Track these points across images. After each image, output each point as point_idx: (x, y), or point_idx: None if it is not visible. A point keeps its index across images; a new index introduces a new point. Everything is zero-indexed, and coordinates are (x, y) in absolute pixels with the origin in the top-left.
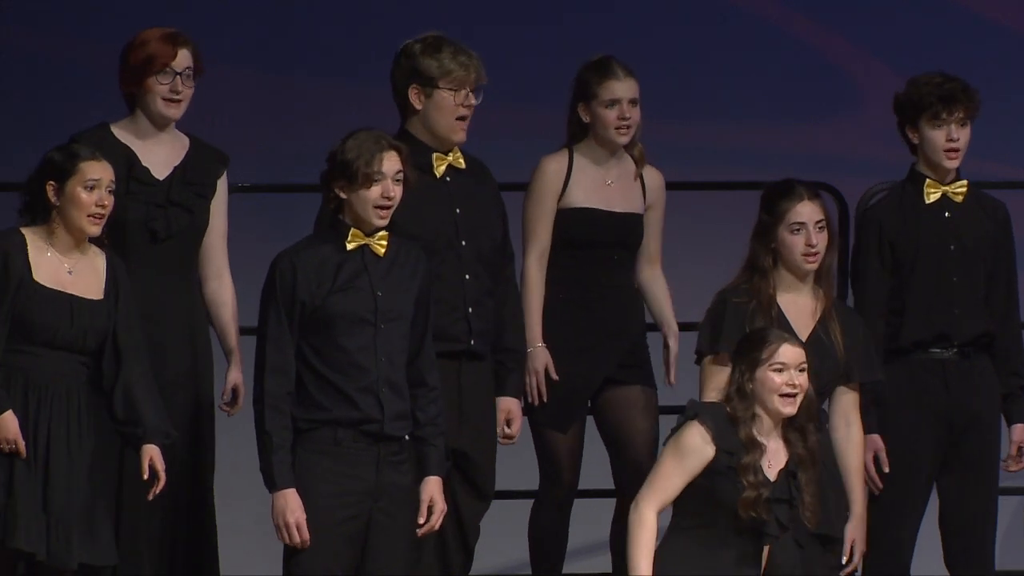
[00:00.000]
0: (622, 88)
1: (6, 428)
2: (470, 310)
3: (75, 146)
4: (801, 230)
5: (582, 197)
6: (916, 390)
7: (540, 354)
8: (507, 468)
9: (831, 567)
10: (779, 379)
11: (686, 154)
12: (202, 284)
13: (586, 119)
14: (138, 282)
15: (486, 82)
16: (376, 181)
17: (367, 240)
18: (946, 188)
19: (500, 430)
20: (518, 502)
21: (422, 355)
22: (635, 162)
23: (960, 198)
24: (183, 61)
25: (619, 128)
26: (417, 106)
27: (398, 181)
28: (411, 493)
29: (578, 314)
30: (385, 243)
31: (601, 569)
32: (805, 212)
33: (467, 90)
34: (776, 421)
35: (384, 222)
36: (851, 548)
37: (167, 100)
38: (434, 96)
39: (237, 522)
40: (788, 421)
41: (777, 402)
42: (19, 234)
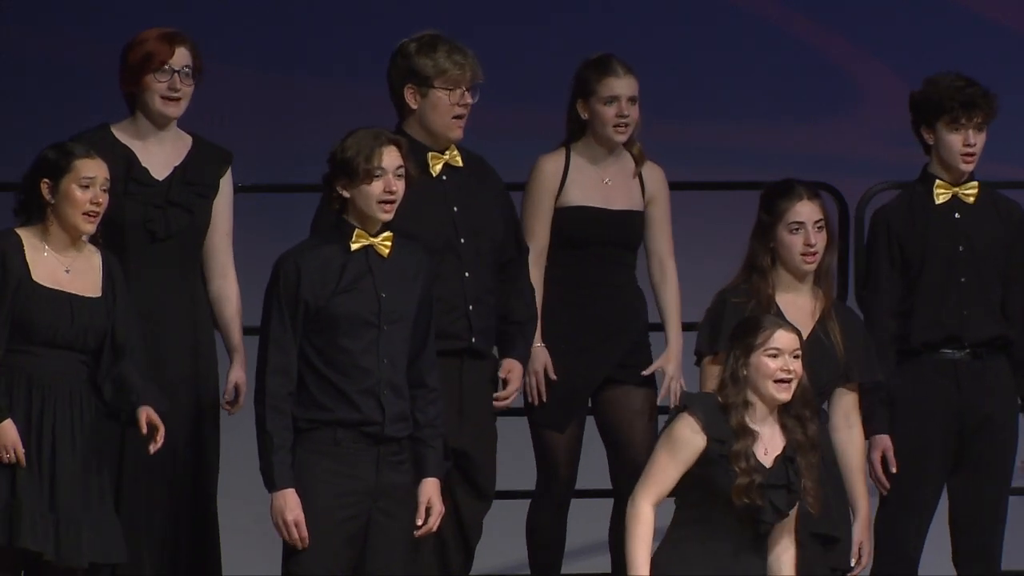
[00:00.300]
0: (621, 85)
1: (5, 436)
2: (471, 308)
3: (70, 144)
4: (800, 230)
5: (579, 195)
6: (927, 391)
7: (539, 354)
8: (507, 468)
9: (831, 567)
10: (773, 364)
11: (686, 154)
12: (206, 283)
13: (585, 116)
14: (139, 282)
15: (482, 80)
16: (377, 176)
17: (371, 241)
18: (956, 189)
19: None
20: (518, 502)
21: (423, 356)
22: (634, 160)
23: (971, 199)
24: (181, 59)
25: (617, 126)
26: (413, 105)
27: (400, 176)
28: (411, 493)
29: (577, 313)
30: (389, 244)
31: (600, 569)
32: (804, 212)
33: (463, 89)
34: (771, 407)
35: (389, 216)
36: (859, 550)
37: (165, 98)
38: (430, 96)
39: (237, 522)
40: (784, 408)
41: (771, 388)
42: (15, 235)
